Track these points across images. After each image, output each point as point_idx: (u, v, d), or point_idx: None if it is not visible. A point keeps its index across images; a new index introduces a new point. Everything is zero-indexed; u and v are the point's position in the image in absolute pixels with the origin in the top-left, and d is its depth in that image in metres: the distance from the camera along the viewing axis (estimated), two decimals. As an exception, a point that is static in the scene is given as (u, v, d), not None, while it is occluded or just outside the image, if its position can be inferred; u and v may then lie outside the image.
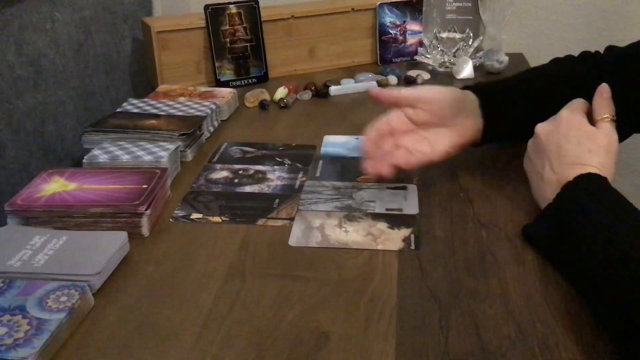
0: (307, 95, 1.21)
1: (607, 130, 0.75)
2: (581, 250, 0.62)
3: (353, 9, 1.36)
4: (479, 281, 0.66)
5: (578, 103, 0.79)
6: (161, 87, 1.20)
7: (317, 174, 0.90)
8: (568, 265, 0.65)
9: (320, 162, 0.94)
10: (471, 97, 0.85)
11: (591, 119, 0.77)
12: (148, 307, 0.63)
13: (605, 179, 0.68)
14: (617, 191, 0.66)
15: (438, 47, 1.35)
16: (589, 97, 0.92)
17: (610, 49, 0.95)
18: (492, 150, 0.92)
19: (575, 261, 0.63)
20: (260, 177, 0.89)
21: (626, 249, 0.58)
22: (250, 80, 1.29)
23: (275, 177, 0.89)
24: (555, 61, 0.97)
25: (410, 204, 0.81)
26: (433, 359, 0.56)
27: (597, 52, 0.97)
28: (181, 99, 1.12)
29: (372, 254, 0.71)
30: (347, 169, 0.91)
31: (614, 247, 0.59)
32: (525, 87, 0.89)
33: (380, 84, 1.26)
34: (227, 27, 1.25)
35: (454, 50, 1.34)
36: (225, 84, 1.26)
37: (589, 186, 0.67)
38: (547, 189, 0.72)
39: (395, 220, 0.78)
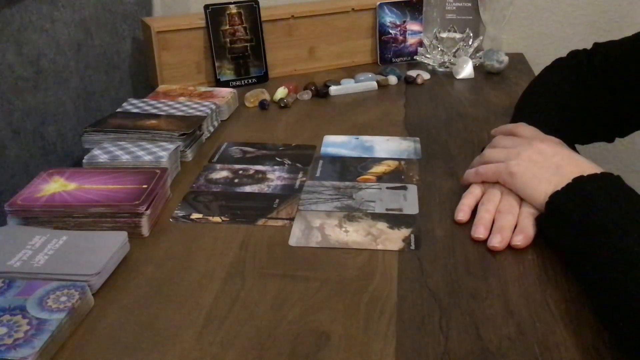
0: (307, 95, 1.21)
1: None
2: (594, 246, 0.61)
3: (353, 9, 1.36)
4: (479, 281, 0.66)
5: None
6: (161, 87, 1.20)
7: (317, 174, 0.90)
8: (578, 257, 0.64)
9: (320, 162, 0.94)
10: None
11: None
12: (148, 307, 0.63)
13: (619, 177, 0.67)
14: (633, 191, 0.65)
15: (438, 47, 1.35)
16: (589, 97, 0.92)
17: (597, 46, 0.96)
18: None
19: (586, 255, 0.63)
20: (260, 177, 0.89)
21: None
22: (250, 80, 1.29)
23: (275, 177, 0.89)
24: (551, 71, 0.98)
25: (410, 204, 0.81)
26: (433, 359, 0.56)
27: (585, 50, 0.98)
28: (181, 99, 1.12)
29: (372, 254, 0.71)
30: (347, 169, 0.91)
31: (629, 248, 0.58)
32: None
33: (380, 84, 1.26)
34: (227, 27, 1.25)
35: (454, 50, 1.34)
36: (225, 84, 1.26)
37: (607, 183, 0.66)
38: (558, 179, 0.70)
39: (395, 220, 0.78)
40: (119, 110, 1.06)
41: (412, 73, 1.31)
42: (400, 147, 0.98)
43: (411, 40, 1.40)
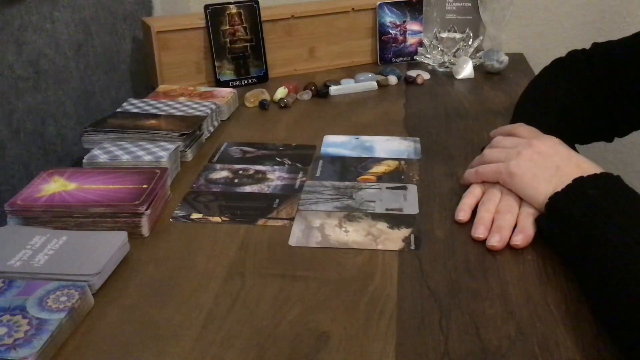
0: (307, 95, 1.21)
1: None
2: (594, 247, 0.61)
3: (353, 9, 1.36)
4: (479, 281, 0.66)
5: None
6: (161, 87, 1.20)
7: (317, 174, 0.90)
8: (578, 258, 0.64)
9: (320, 162, 0.94)
10: None
11: None
12: (148, 307, 0.63)
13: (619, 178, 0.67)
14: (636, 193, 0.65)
15: (438, 47, 1.35)
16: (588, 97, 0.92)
17: (596, 46, 0.96)
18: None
19: (586, 256, 0.62)
20: (260, 177, 0.89)
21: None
22: (250, 80, 1.29)
23: (275, 177, 0.89)
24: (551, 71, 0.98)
25: (410, 204, 0.81)
26: (433, 359, 0.56)
27: (583, 50, 0.98)
28: (181, 99, 1.12)
29: (372, 254, 0.71)
30: (347, 169, 0.91)
31: (629, 249, 0.58)
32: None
33: (380, 84, 1.26)
34: (227, 27, 1.25)
35: (454, 50, 1.34)
36: (225, 84, 1.26)
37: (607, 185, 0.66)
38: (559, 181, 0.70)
39: (395, 220, 0.78)
40: (119, 110, 1.06)
41: (412, 73, 1.31)
42: (400, 147, 0.98)
43: (411, 40, 1.40)
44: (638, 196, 0.64)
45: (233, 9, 1.25)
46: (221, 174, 0.91)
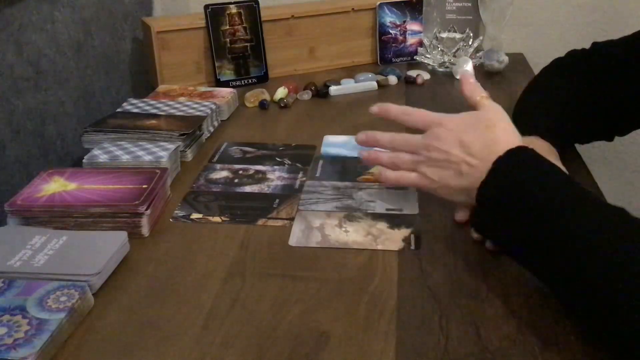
0: (307, 95, 1.21)
1: (491, 107, 0.72)
2: (527, 227, 0.60)
3: (353, 9, 1.36)
4: (479, 281, 0.66)
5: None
6: (161, 87, 1.20)
7: (317, 174, 0.90)
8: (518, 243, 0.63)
9: (320, 162, 0.94)
10: None
11: None
12: (148, 307, 0.64)
13: (533, 150, 0.65)
14: (550, 162, 0.64)
15: (438, 47, 1.35)
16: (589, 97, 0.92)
17: (596, 45, 0.96)
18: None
19: (523, 238, 0.62)
20: (260, 177, 0.89)
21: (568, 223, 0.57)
22: (250, 80, 1.29)
23: (275, 177, 0.89)
24: (553, 71, 0.98)
25: (410, 204, 0.81)
26: (433, 359, 0.56)
27: (583, 49, 0.98)
28: (181, 99, 1.12)
29: (372, 254, 0.71)
30: (347, 169, 0.91)
31: (558, 222, 0.58)
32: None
33: (380, 84, 1.26)
34: (227, 27, 1.25)
35: (454, 50, 1.34)
36: (225, 84, 1.26)
37: (521, 160, 0.64)
38: (471, 178, 0.67)
39: (395, 220, 0.78)
40: (119, 110, 1.06)
41: (412, 73, 1.31)
42: (400, 147, 0.98)
43: (411, 40, 1.40)
44: (551, 166, 0.64)
45: (233, 9, 1.25)
46: (221, 174, 0.91)
